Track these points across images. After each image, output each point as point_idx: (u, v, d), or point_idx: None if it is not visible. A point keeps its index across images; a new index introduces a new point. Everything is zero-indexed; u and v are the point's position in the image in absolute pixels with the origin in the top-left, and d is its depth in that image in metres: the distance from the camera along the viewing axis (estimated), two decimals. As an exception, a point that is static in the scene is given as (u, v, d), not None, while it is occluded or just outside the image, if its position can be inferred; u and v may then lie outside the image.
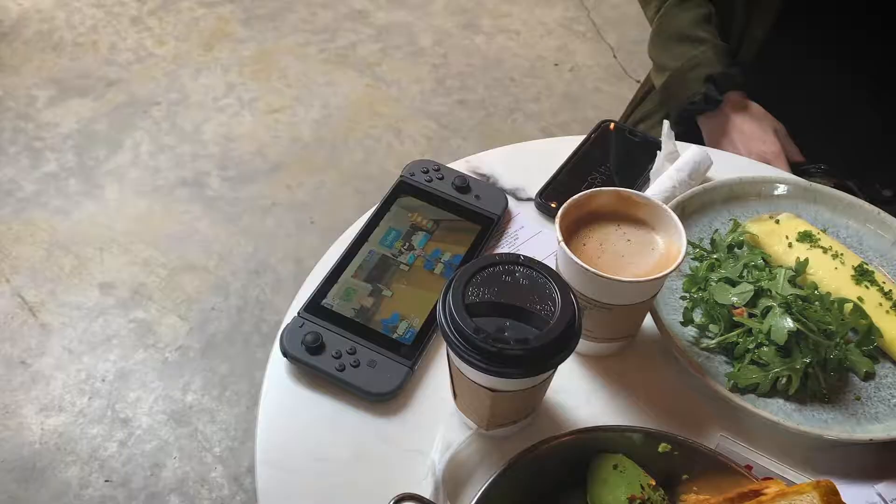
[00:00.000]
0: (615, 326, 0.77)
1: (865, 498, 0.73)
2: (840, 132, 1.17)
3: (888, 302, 0.82)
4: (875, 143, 1.18)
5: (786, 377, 0.76)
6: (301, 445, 0.74)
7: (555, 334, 0.63)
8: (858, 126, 1.16)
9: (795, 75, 1.14)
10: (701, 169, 0.93)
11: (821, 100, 1.15)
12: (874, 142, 1.18)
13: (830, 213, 0.94)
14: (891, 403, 0.78)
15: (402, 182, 0.92)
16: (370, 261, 0.85)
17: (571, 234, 0.76)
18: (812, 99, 1.15)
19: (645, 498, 0.64)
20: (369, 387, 0.75)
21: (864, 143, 1.18)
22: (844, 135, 1.17)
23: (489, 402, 0.68)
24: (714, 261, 0.84)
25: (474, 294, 0.65)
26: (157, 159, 2.29)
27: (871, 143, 1.18)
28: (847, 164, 1.13)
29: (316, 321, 0.79)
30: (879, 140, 1.18)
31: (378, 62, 2.63)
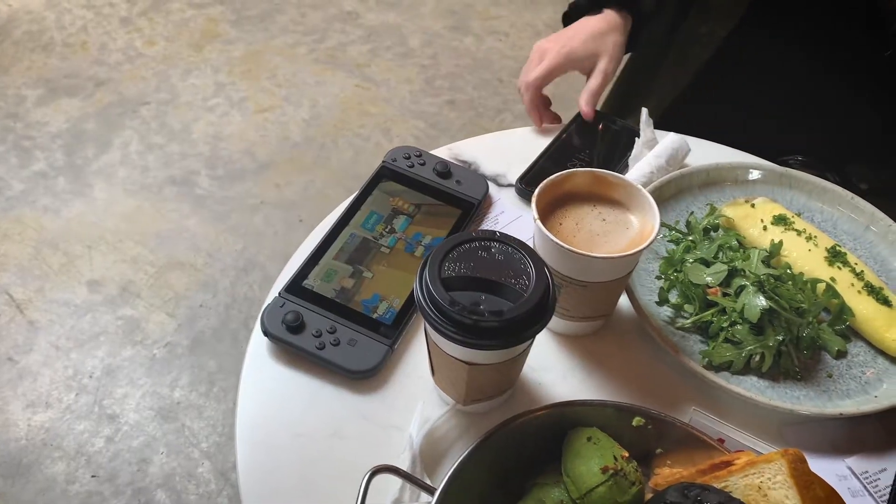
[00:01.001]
0: (591, 304, 0.78)
1: (836, 471, 0.74)
2: (818, 126, 1.18)
3: (860, 282, 0.84)
4: (852, 136, 1.20)
5: (759, 355, 0.78)
6: (280, 422, 0.74)
7: (528, 307, 0.64)
8: (836, 120, 1.18)
9: (773, 67, 1.16)
10: (679, 155, 0.95)
11: (799, 93, 1.16)
12: (851, 135, 1.20)
13: (805, 198, 0.95)
14: (861, 381, 0.79)
15: (383, 167, 0.93)
16: (351, 243, 0.86)
17: (548, 214, 0.77)
18: (790, 92, 1.17)
19: (618, 469, 0.65)
20: (349, 364, 0.76)
21: (841, 136, 1.20)
22: (822, 129, 1.19)
23: (465, 376, 0.69)
24: (689, 243, 0.85)
25: (450, 269, 0.66)
26: (145, 158, 2.29)
27: (848, 136, 1.20)
28: (824, 158, 1.15)
29: (297, 301, 0.80)
30: (856, 134, 1.20)
31: (367, 63, 2.64)
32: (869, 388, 0.79)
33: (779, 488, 0.62)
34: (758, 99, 1.17)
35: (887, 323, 0.80)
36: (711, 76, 1.15)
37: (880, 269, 0.89)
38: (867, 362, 0.81)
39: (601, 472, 0.65)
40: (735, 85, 1.17)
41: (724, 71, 1.15)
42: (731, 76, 1.16)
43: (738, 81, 1.16)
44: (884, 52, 1.02)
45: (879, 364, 0.81)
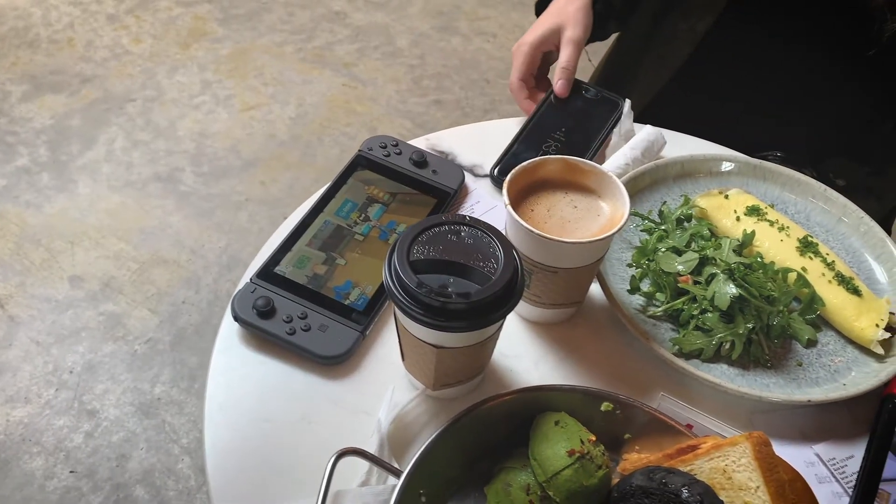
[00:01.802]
0: (562, 291, 0.78)
1: (804, 458, 0.74)
2: (798, 121, 1.19)
3: (831, 272, 0.84)
4: (831, 133, 1.21)
5: (729, 342, 0.78)
6: (249, 406, 0.74)
7: (496, 290, 0.64)
8: (815, 116, 1.18)
9: (753, 63, 1.16)
10: (654, 148, 0.95)
11: (779, 88, 1.17)
12: (830, 132, 1.21)
13: (779, 190, 0.96)
14: (831, 369, 0.80)
15: (359, 156, 0.93)
16: (325, 230, 0.86)
17: (520, 201, 0.77)
18: (770, 87, 1.18)
19: (584, 452, 0.65)
20: (319, 350, 0.76)
21: (821, 133, 1.21)
22: (802, 124, 1.20)
23: (434, 360, 0.69)
24: (662, 232, 0.86)
25: (419, 251, 0.66)
26: (130, 155, 2.28)
27: (827, 133, 1.21)
28: (804, 153, 1.15)
29: (268, 287, 0.80)
30: (835, 130, 1.21)
31: (355, 62, 2.65)
32: (838, 376, 0.79)
33: (743, 471, 0.62)
34: (738, 94, 1.18)
35: (857, 312, 0.81)
36: (692, 72, 1.15)
37: (852, 261, 0.90)
38: (837, 351, 0.81)
39: (567, 456, 0.65)
40: (716, 80, 1.17)
41: (704, 66, 1.15)
42: (712, 71, 1.17)
43: (718, 77, 1.17)
44: (867, 50, 1.02)
45: (849, 353, 0.81)
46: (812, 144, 1.19)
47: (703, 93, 1.17)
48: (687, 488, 0.60)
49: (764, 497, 0.60)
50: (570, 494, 0.64)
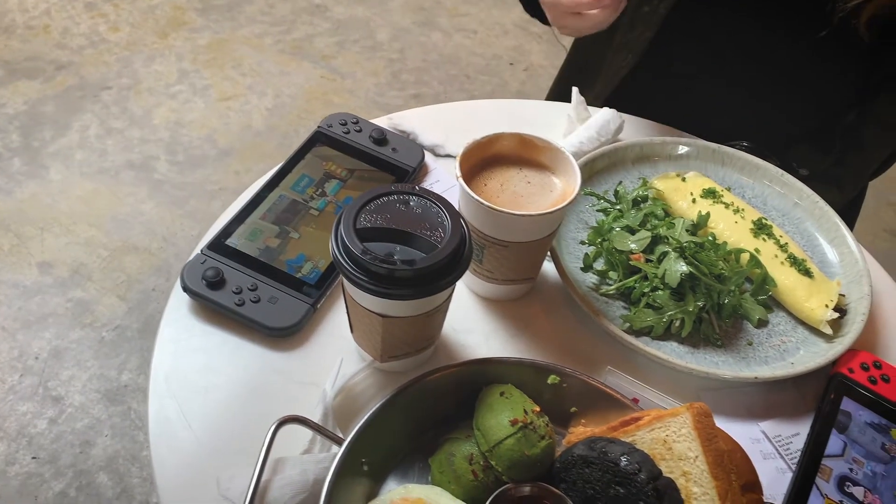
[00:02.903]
0: (514, 267, 0.78)
1: (750, 435, 0.74)
2: (761, 108, 1.20)
3: (784, 254, 0.85)
4: (792, 121, 1.22)
5: (679, 320, 0.78)
6: (195, 377, 0.73)
7: (441, 258, 0.64)
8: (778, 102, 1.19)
9: (716, 46, 1.17)
10: (610, 127, 0.96)
11: (738, 74, 1.18)
12: (793, 119, 1.21)
13: (737, 175, 0.97)
14: (781, 349, 0.80)
15: (318, 132, 0.93)
16: (280, 204, 0.85)
17: (474, 175, 0.77)
18: (734, 71, 1.18)
19: (527, 422, 0.65)
20: (268, 321, 0.75)
21: (782, 121, 1.21)
22: (763, 113, 1.20)
23: (381, 330, 0.68)
24: (617, 212, 0.86)
25: (367, 220, 0.66)
26: (104, 142, 2.26)
27: (791, 120, 1.21)
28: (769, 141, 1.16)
29: (218, 258, 0.79)
30: (796, 118, 1.22)
31: (334, 55, 2.64)
32: (787, 355, 0.79)
33: (682, 441, 0.62)
34: (703, 81, 1.19)
35: (808, 293, 0.81)
36: (657, 58, 1.16)
37: (806, 244, 0.90)
38: (787, 331, 0.82)
39: (510, 425, 0.65)
40: (681, 66, 1.18)
41: (668, 50, 1.16)
42: (676, 56, 1.17)
43: (683, 62, 1.17)
44: (820, 31, 1.03)
45: (799, 333, 0.82)
46: (776, 133, 1.19)
47: (669, 78, 1.17)
48: (626, 457, 0.60)
49: (702, 466, 0.60)
50: (512, 464, 0.64)
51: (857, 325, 0.79)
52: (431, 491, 0.66)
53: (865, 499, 0.69)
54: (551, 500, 0.64)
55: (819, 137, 1.19)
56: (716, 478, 0.59)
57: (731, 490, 0.59)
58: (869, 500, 0.69)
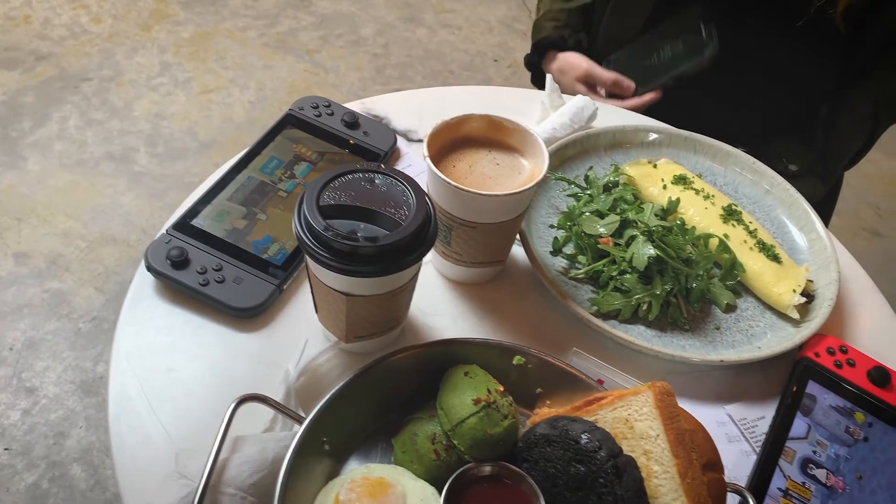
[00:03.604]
0: (482, 249, 0.77)
1: (716, 418, 0.74)
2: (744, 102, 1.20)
3: (752, 240, 0.85)
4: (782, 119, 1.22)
5: (647, 303, 0.78)
6: (157, 356, 0.73)
7: (404, 235, 0.63)
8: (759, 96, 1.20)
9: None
10: (584, 114, 0.96)
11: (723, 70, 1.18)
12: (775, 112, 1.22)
13: (710, 162, 0.97)
14: (748, 333, 0.80)
15: (289, 115, 0.92)
16: (248, 186, 0.84)
17: (442, 157, 0.77)
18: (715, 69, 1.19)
19: (491, 401, 0.64)
20: (233, 302, 0.75)
21: (766, 113, 1.22)
22: (748, 105, 1.21)
23: (345, 309, 0.68)
24: (588, 197, 0.86)
25: (331, 197, 0.65)
26: (84, 133, 2.24)
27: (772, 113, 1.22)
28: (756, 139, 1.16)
29: (183, 238, 0.78)
30: (779, 111, 1.22)
31: (318, 49, 2.63)
32: (754, 339, 0.80)
33: (644, 419, 0.62)
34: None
35: (776, 278, 0.82)
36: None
37: (777, 231, 0.91)
38: (755, 316, 0.82)
39: (473, 404, 0.64)
40: None
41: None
42: None
43: None
44: (798, 20, 1.04)
45: (767, 318, 0.82)
46: (760, 124, 1.20)
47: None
48: (586, 435, 0.60)
49: (663, 445, 0.60)
50: (475, 443, 0.63)
51: (825, 311, 0.79)
52: (393, 471, 0.65)
53: (828, 481, 0.69)
54: (513, 480, 0.64)
55: (802, 130, 1.19)
56: (676, 456, 0.59)
57: (691, 468, 0.59)
58: (832, 482, 0.69)
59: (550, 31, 1.23)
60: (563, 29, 1.24)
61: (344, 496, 0.62)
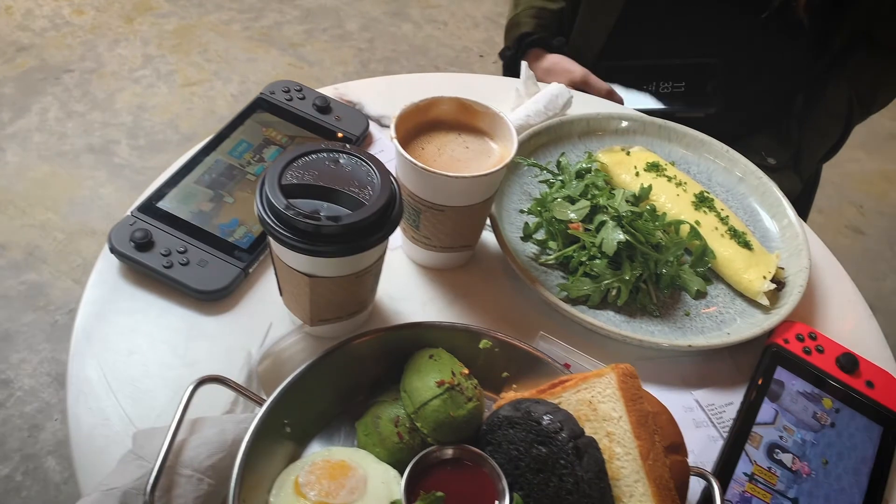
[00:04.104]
0: (451, 233, 0.77)
1: (683, 403, 0.74)
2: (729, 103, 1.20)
3: (724, 226, 0.84)
4: (758, 114, 1.22)
5: (616, 289, 0.78)
6: (119, 338, 0.72)
7: (367, 215, 0.62)
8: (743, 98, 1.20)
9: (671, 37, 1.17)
10: (558, 101, 0.95)
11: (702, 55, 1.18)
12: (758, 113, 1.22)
13: (684, 150, 0.96)
14: (718, 320, 0.80)
15: (259, 99, 0.92)
16: (216, 168, 0.83)
17: (411, 139, 0.76)
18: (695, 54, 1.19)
19: (455, 383, 0.64)
20: (197, 284, 0.74)
21: (749, 114, 1.22)
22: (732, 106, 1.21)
23: (308, 291, 0.67)
24: (560, 184, 0.85)
25: (294, 176, 0.64)
26: (64, 125, 2.22)
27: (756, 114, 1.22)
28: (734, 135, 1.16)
29: (148, 220, 0.77)
30: (762, 111, 1.22)
31: (302, 43, 2.62)
32: (723, 325, 0.79)
33: (607, 401, 0.61)
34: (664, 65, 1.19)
35: (746, 265, 0.81)
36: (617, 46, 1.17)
37: (749, 219, 0.90)
38: (725, 303, 0.82)
39: (436, 386, 0.63)
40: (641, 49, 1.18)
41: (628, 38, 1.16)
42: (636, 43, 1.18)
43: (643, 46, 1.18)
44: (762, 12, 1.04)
45: (737, 305, 0.82)
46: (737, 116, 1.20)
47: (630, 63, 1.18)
48: (549, 416, 0.59)
49: (625, 426, 0.60)
50: (437, 425, 0.63)
51: (794, 297, 0.79)
52: (355, 454, 0.64)
53: (794, 465, 0.69)
54: (475, 462, 0.63)
55: (778, 125, 1.19)
56: (638, 437, 0.59)
57: (653, 450, 0.59)
58: (797, 466, 0.69)
59: (533, 27, 1.22)
60: (546, 29, 1.23)
61: (303, 479, 0.61)
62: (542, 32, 1.21)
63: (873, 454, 0.71)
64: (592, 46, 1.21)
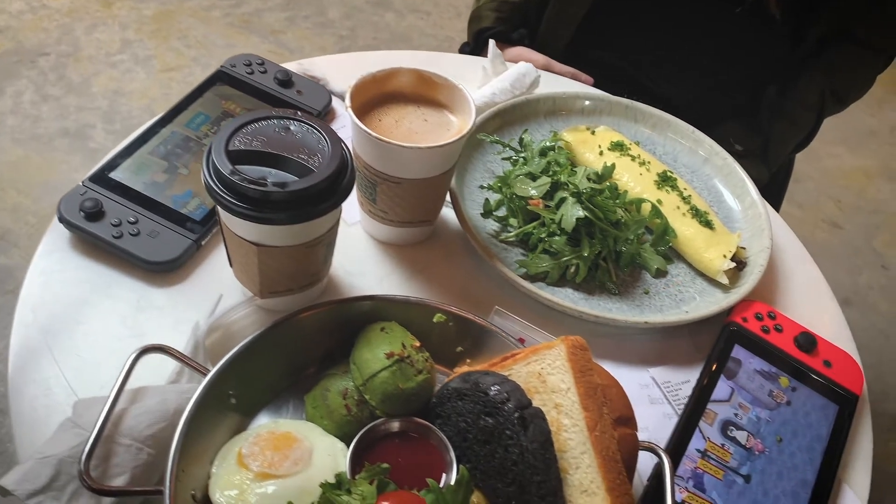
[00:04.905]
0: (408, 207, 0.75)
1: (639, 380, 0.73)
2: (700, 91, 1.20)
3: (686, 206, 0.84)
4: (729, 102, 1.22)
5: (574, 266, 0.77)
6: (66, 309, 0.70)
7: (315, 182, 0.61)
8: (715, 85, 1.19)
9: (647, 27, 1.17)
10: (525, 80, 0.94)
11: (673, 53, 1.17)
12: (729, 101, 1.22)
13: (650, 131, 0.96)
14: (677, 298, 0.79)
15: (219, 72, 0.90)
16: (171, 140, 0.82)
17: (369, 111, 0.75)
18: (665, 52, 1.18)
19: (404, 355, 0.63)
20: (146, 255, 0.72)
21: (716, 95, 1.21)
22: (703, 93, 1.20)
23: (257, 261, 0.66)
24: (522, 160, 0.84)
25: (241, 142, 0.63)
26: (39, 108, 2.19)
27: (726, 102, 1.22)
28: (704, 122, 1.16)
29: (99, 190, 0.76)
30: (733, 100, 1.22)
31: (283, 30, 2.59)
32: (682, 304, 0.79)
33: (556, 373, 0.60)
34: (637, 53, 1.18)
35: (707, 244, 0.81)
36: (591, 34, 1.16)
37: (713, 200, 0.90)
38: (685, 282, 0.81)
39: (386, 358, 0.62)
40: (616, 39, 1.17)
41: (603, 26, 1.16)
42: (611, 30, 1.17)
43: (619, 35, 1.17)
44: (736, 6, 1.03)
45: (697, 284, 0.81)
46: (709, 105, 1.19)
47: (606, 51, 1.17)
48: (496, 387, 0.58)
49: (573, 398, 0.59)
50: (386, 397, 0.62)
51: (755, 276, 0.79)
52: (302, 426, 0.63)
53: (748, 443, 0.68)
54: (422, 435, 0.62)
55: (748, 114, 1.19)
56: (586, 409, 0.58)
57: (601, 422, 0.58)
58: (751, 444, 0.68)
59: (493, 21, 1.21)
60: (506, 22, 1.22)
61: (247, 450, 0.60)
62: (503, 26, 1.20)
63: (828, 433, 0.70)
64: (561, 37, 1.20)
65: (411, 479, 0.58)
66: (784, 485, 0.66)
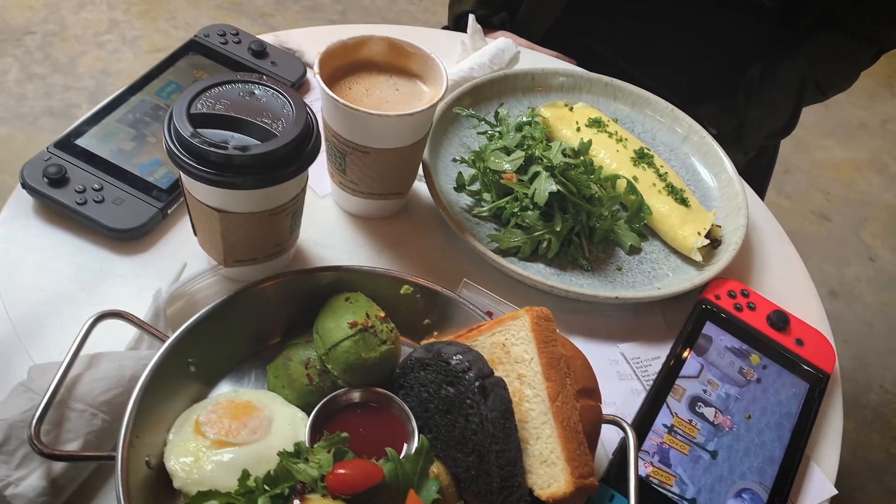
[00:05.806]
0: (378, 178, 0.74)
1: (609, 356, 0.73)
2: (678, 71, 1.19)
3: (662, 182, 0.83)
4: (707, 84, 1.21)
5: (547, 241, 0.76)
6: (26, 275, 0.69)
7: (279, 146, 0.60)
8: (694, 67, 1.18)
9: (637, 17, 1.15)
10: (504, 56, 0.93)
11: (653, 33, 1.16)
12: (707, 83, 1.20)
13: (629, 109, 0.95)
14: (650, 275, 0.78)
15: (193, 41, 0.89)
16: (140, 108, 0.81)
17: (339, 79, 0.74)
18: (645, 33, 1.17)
19: (368, 325, 0.62)
20: (110, 222, 0.71)
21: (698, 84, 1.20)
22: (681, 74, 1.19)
23: (219, 227, 0.64)
24: (498, 135, 0.83)
25: (204, 105, 0.62)
26: (24, 87, 2.17)
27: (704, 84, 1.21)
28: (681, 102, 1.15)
29: (64, 157, 0.74)
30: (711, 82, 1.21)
31: (272, 13, 2.57)
32: (655, 281, 0.78)
33: (520, 343, 0.59)
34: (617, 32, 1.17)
35: (682, 221, 0.80)
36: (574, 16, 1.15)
37: (690, 178, 0.89)
38: (659, 259, 0.80)
39: (349, 327, 0.61)
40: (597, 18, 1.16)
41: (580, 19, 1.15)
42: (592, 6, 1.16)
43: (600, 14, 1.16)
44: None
45: (671, 261, 0.80)
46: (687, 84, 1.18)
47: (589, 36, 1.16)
48: (458, 356, 0.57)
49: (536, 368, 0.58)
50: (348, 367, 0.61)
51: (729, 254, 0.78)
52: (263, 395, 0.62)
53: (716, 419, 0.67)
54: (384, 405, 0.61)
55: (725, 97, 1.18)
56: (548, 379, 0.57)
57: (563, 392, 0.57)
58: (719, 420, 0.67)
59: (473, 5, 1.20)
60: (488, 6, 1.21)
61: (204, 417, 0.59)
62: (484, 9, 1.19)
63: (797, 410, 0.70)
64: (543, 22, 1.18)
65: (372, 448, 0.57)
66: (751, 461, 0.65)
